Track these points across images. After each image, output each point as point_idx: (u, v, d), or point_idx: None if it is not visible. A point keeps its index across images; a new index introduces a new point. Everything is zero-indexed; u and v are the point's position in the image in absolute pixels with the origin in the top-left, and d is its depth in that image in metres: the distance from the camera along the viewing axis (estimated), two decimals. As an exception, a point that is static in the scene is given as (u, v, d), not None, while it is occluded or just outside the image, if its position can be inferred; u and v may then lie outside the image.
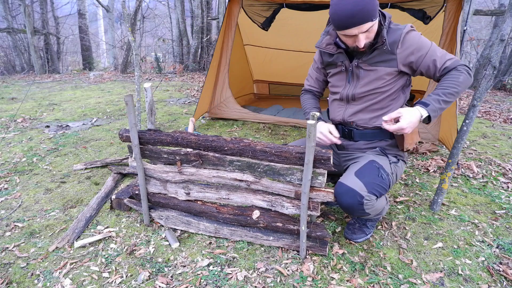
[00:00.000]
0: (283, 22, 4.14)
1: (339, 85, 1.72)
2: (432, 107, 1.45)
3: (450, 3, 2.99)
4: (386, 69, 1.57)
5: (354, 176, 1.56)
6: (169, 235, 1.82)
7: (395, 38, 1.52)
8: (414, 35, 1.54)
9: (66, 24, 12.40)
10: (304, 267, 1.61)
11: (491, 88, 6.88)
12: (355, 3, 1.37)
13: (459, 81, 1.46)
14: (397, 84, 1.62)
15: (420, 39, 1.53)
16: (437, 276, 1.57)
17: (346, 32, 1.46)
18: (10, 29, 8.83)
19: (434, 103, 1.45)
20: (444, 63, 1.51)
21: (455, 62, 1.51)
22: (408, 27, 1.54)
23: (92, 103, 5.04)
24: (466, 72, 1.47)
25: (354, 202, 1.51)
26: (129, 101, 1.59)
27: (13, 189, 2.38)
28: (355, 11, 1.38)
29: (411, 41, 1.52)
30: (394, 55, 1.54)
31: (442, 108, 1.47)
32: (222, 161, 1.64)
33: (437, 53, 1.52)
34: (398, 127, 1.43)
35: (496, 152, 3.16)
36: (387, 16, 1.55)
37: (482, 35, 10.80)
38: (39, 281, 1.55)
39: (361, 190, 1.50)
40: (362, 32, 1.44)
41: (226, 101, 4.07)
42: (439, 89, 1.48)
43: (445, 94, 1.46)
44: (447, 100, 1.46)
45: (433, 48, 1.53)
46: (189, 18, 9.66)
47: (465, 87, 1.48)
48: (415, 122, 1.44)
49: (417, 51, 1.52)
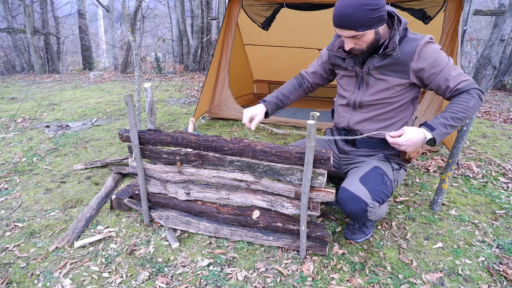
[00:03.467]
0: (283, 21, 4.14)
1: (348, 90, 1.69)
2: (438, 132, 1.41)
3: (450, 3, 2.99)
4: (397, 80, 1.52)
5: (358, 182, 1.54)
6: (169, 235, 1.82)
7: (410, 49, 1.45)
8: (432, 48, 1.45)
9: (66, 24, 12.40)
10: (304, 267, 1.61)
11: (491, 88, 6.87)
12: (345, 6, 1.36)
13: (469, 106, 1.40)
14: (408, 96, 1.58)
15: (438, 55, 1.45)
16: (437, 276, 1.57)
17: (336, 30, 1.46)
18: (10, 29, 8.82)
19: (441, 128, 1.41)
20: (457, 85, 1.44)
21: (468, 84, 1.44)
22: (427, 38, 1.46)
23: (92, 103, 5.04)
24: (478, 96, 1.42)
25: (358, 210, 1.50)
26: (129, 101, 1.59)
27: (13, 189, 2.38)
28: (341, 14, 1.37)
29: (428, 55, 1.44)
30: (407, 67, 1.48)
31: (447, 133, 1.43)
32: (222, 161, 1.64)
33: (451, 72, 1.44)
34: (395, 141, 1.43)
35: (496, 152, 3.15)
36: (402, 22, 1.47)
37: (482, 35, 10.79)
38: (39, 281, 1.55)
39: (365, 197, 1.49)
40: (346, 37, 1.44)
41: (226, 101, 4.07)
42: (447, 111, 1.43)
43: (453, 119, 1.41)
44: (454, 125, 1.42)
45: (449, 66, 1.45)
46: (189, 18, 9.65)
47: (474, 112, 1.43)
48: (416, 142, 1.41)
49: (431, 67, 1.45)
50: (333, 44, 1.67)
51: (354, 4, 1.34)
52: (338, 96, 1.78)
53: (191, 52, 9.31)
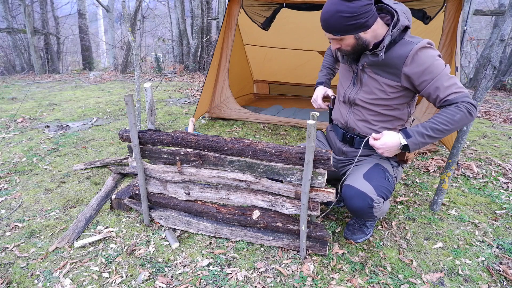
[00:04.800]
0: (283, 21, 4.14)
1: (344, 84, 1.72)
2: (413, 140, 1.39)
3: (450, 3, 2.99)
4: (388, 80, 1.51)
5: (363, 179, 1.55)
6: (169, 235, 1.82)
7: (403, 52, 1.42)
8: (427, 54, 1.40)
9: (66, 24, 12.39)
10: (304, 267, 1.61)
11: (491, 88, 6.87)
12: (324, 11, 1.40)
13: (454, 119, 1.36)
14: (403, 99, 1.57)
15: (433, 61, 1.39)
16: (437, 276, 1.57)
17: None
18: (10, 29, 8.82)
19: (417, 137, 1.39)
20: (447, 96, 1.38)
21: (459, 97, 1.37)
22: (424, 43, 1.40)
23: (92, 103, 5.04)
24: (467, 110, 1.35)
25: (364, 206, 1.51)
26: (129, 101, 1.59)
27: (13, 189, 2.38)
28: (322, 18, 1.42)
29: (422, 61, 1.40)
30: (399, 70, 1.46)
31: (424, 143, 1.40)
32: (222, 161, 1.64)
33: (444, 82, 1.38)
34: (373, 144, 1.47)
35: (496, 152, 3.15)
36: (400, 23, 1.40)
37: (482, 35, 10.79)
38: (39, 281, 1.55)
39: (371, 193, 1.50)
40: (329, 38, 1.49)
41: (226, 101, 4.07)
42: (429, 121, 1.40)
43: (433, 130, 1.38)
44: (433, 136, 1.39)
45: (443, 74, 1.39)
46: (189, 18, 9.65)
47: (460, 125, 1.39)
48: (391, 147, 1.43)
49: (422, 74, 1.41)
50: None
51: (331, 10, 1.37)
52: (337, 91, 1.82)
53: (191, 52, 9.31)
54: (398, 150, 1.47)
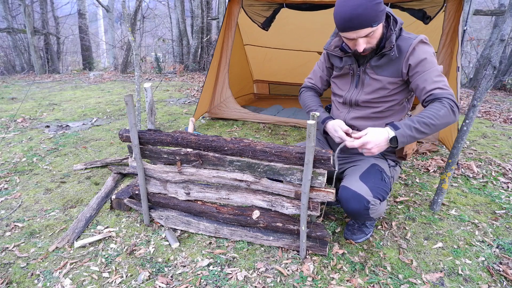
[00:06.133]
0: (283, 22, 4.14)
1: (343, 89, 1.70)
2: (402, 132, 1.36)
3: (450, 3, 2.99)
4: (391, 79, 1.53)
5: (359, 180, 1.55)
6: (169, 235, 1.82)
7: (403, 48, 1.47)
8: (424, 49, 1.46)
9: (66, 24, 12.40)
10: (304, 267, 1.61)
11: (491, 88, 6.87)
12: (354, 8, 1.34)
13: (439, 114, 1.35)
14: (403, 94, 1.59)
15: (427, 57, 1.44)
16: (437, 276, 1.57)
17: (345, 35, 1.44)
18: (10, 29, 8.82)
19: (405, 129, 1.36)
20: (433, 89, 1.41)
21: (444, 93, 1.39)
22: (421, 37, 1.47)
23: (92, 103, 5.04)
24: (450, 107, 1.36)
25: (360, 208, 1.50)
26: (129, 101, 1.59)
27: (13, 189, 2.38)
28: (353, 16, 1.34)
29: (418, 54, 1.45)
30: (400, 64, 1.50)
31: (413, 136, 1.37)
32: (222, 161, 1.64)
33: (433, 77, 1.42)
34: (361, 142, 1.38)
35: (496, 152, 3.15)
36: (398, 22, 1.49)
37: (482, 35, 10.79)
38: (39, 281, 1.55)
39: (367, 195, 1.50)
40: (361, 37, 1.41)
41: (226, 101, 4.07)
42: (416, 116, 1.39)
43: (420, 123, 1.36)
44: (421, 130, 1.36)
45: (434, 70, 1.43)
46: (189, 18, 9.66)
47: (445, 123, 1.37)
48: (379, 141, 1.37)
49: (416, 66, 1.45)
50: (330, 44, 1.69)
51: (363, 3, 1.33)
52: (333, 95, 1.80)
53: (191, 52, 9.31)
54: (386, 145, 1.40)
